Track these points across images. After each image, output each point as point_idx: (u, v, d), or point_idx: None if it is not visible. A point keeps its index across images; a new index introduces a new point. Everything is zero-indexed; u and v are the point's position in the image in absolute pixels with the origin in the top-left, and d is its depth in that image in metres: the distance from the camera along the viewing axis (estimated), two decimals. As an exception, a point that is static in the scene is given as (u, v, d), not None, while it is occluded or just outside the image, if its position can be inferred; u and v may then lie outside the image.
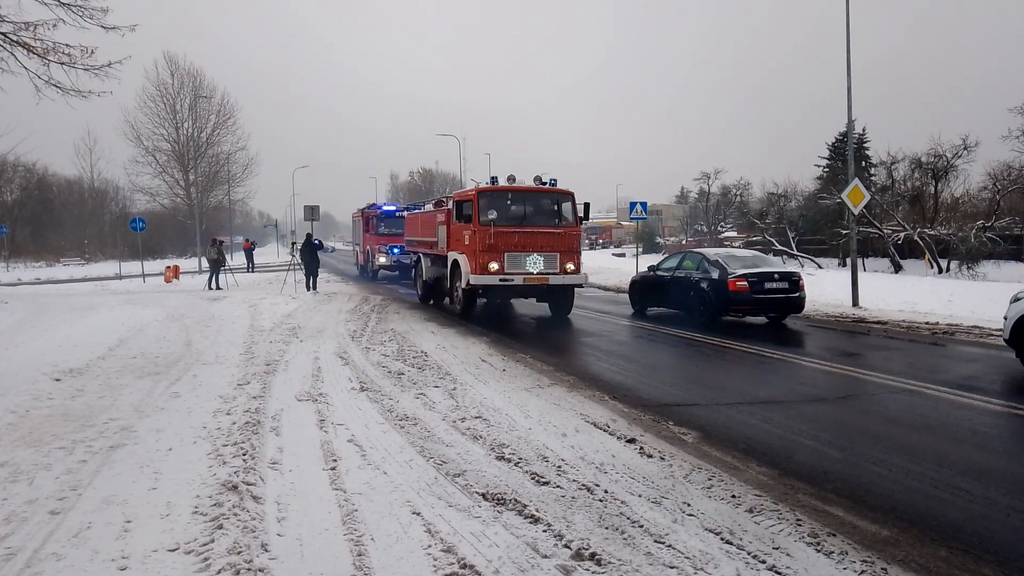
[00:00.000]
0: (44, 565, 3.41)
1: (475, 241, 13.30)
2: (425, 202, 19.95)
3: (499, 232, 13.24)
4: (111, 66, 11.84)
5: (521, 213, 13.73)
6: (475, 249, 13.30)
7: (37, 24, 10.94)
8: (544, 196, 14.08)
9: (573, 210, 14.04)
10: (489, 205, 13.40)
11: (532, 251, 13.45)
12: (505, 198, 13.64)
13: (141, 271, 30.12)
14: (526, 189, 13.95)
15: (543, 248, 13.52)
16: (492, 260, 13.23)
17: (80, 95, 11.90)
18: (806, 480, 4.65)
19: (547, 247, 13.55)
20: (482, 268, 13.25)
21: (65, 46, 11.23)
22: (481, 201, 13.44)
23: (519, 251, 13.40)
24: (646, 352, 10.63)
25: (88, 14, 11.29)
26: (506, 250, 13.30)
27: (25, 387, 7.30)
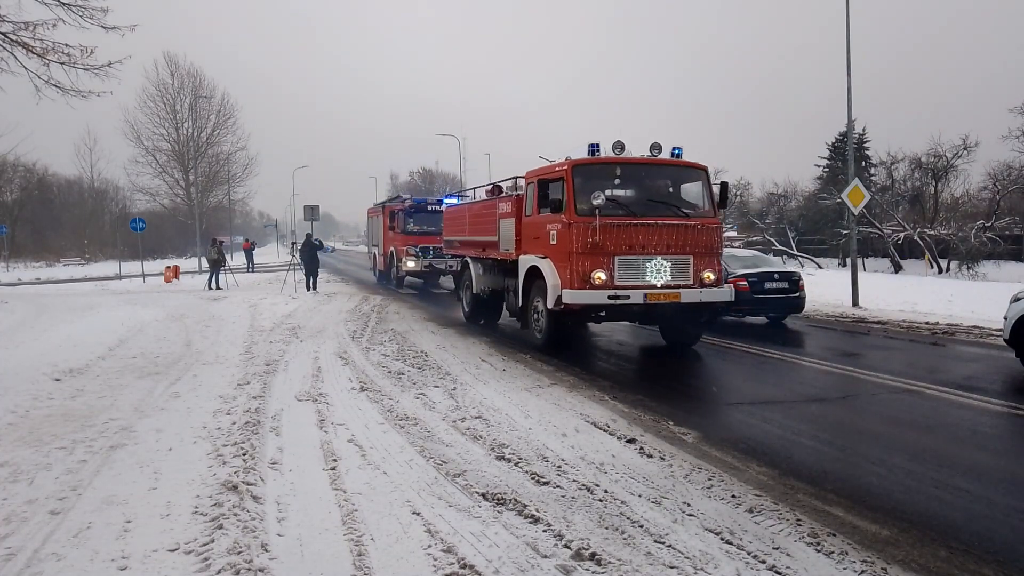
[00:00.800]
0: (44, 565, 3.41)
1: (569, 239, 9.02)
2: (474, 188, 14.73)
3: (608, 226, 8.89)
4: (111, 66, 11.82)
5: (637, 197, 9.60)
6: (569, 251, 9.01)
7: (37, 24, 10.93)
8: (668, 172, 9.90)
9: (708, 192, 9.79)
10: (591, 184, 9.08)
11: (655, 253, 9.06)
12: (612, 174, 9.44)
13: (141, 271, 30.11)
14: (644, 161, 9.56)
15: (671, 249, 9.15)
16: (597, 267, 8.89)
17: (80, 95, 11.88)
18: (806, 480, 4.65)
19: (676, 247, 9.18)
20: (581, 279, 8.92)
21: (65, 46, 11.22)
22: (577, 179, 9.22)
23: (636, 253, 9.01)
24: (645, 353, 10.62)
25: (88, 14, 11.28)
26: (617, 252, 8.94)
27: (25, 387, 7.30)
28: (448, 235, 15.24)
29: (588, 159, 9.44)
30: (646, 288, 8.97)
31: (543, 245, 9.75)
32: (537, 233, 10.01)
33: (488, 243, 12.11)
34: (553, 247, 9.44)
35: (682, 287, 9.15)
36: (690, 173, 9.84)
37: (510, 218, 11.06)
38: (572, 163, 9.37)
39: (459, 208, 14.97)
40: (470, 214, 13.66)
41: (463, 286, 13.92)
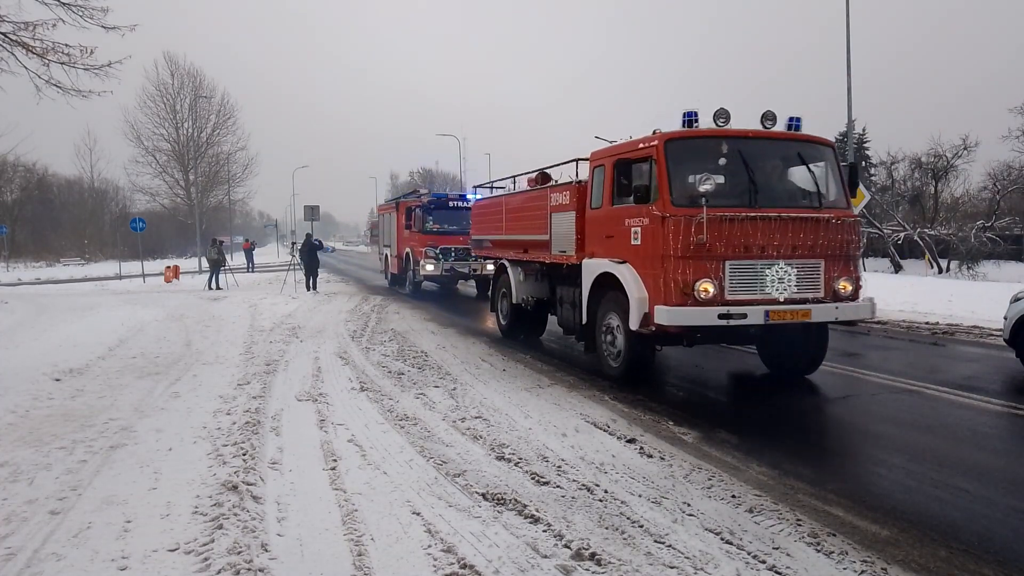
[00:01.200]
0: (44, 565, 3.42)
1: (662, 238, 6.77)
2: (513, 177, 11.97)
3: (719, 220, 6.65)
4: (111, 66, 11.83)
5: (748, 182, 7.05)
6: (662, 253, 6.77)
7: (37, 24, 10.93)
8: (788, 149, 7.48)
9: (837, 176, 7.57)
10: (691, 165, 7.05)
11: (777, 256, 6.86)
12: (718, 152, 6.99)
13: (141, 271, 30.12)
14: (759, 135, 7.22)
15: (797, 251, 6.92)
16: (703, 276, 6.66)
17: (80, 95, 11.89)
18: (806, 480, 4.65)
19: (804, 248, 6.96)
20: (681, 292, 6.68)
21: (65, 46, 11.22)
22: (673, 158, 6.96)
23: (754, 256, 6.77)
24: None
25: (88, 14, 11.28)
26: (729, 255, 6.70)
27: (25, 387, 7.30)
28: (478, 233, 13.00)
29: (685, 132, 7.12)
30: (767, 303, 6.73)
31: (620, 246, 7.52)
32: (610, 230, 7.73)
33: (533, 243, 10.00)
34: (636, 248, 7.23)
35: (812, 301, 6.93)
36: (815, 151, 7.50)
37: (567, 212, 8.84)
38: (665, 137, 7.01)
39: (493, 202, 12.31)
40: (508, 209, 11.19)
41: (498, 294, 11.74)
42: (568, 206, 8.89)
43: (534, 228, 9.96)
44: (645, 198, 7.05)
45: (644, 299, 7.00)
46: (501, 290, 11.60)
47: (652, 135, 7.26)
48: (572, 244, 8.71)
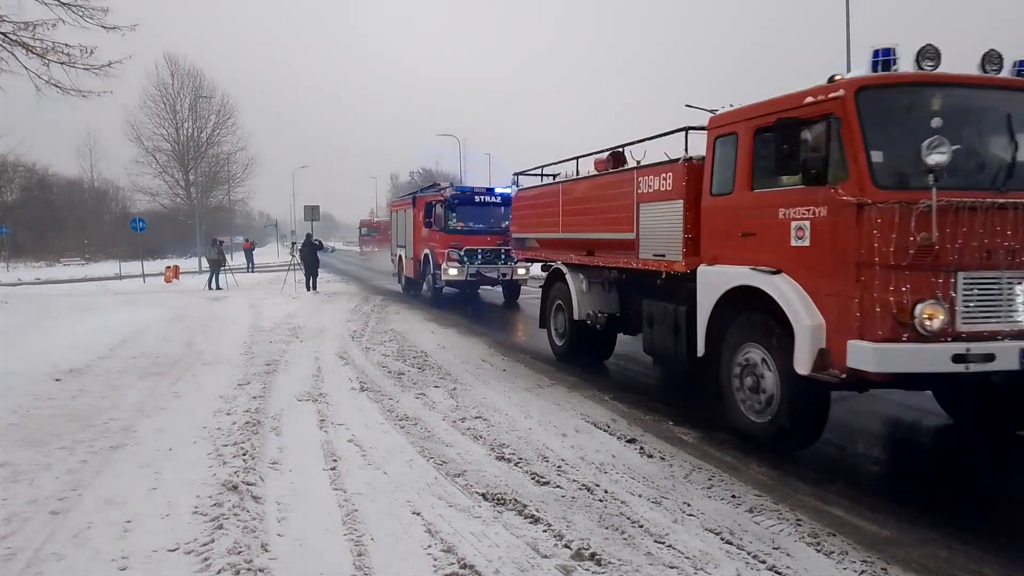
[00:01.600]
0: (45, 565, 3.42)
1: (859, 238, 4.61)
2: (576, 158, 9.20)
3: (951, 211, 4.48)
4: (111, 66, 11.87)
5: (988, 153, 5.02)
6: (858, 260, 4.61)
7: (37, 24, 10.96)
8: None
9: None
10: (898, 127, 4.87)
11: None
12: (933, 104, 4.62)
13: (141, 271, 30.10)
14: (1001, 83, 4.99)
15: None
16: (926, 295, 4.47)
17: (80, 95, 11.93)
18: (806, 480, 4.65)
19: None
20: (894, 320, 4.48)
21: (65, 46, 11.26)
22: (871, 114, 4.78)
23: (1000, 266, 4.59)
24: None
25: (88, 14, 11.32)
26: (963, 264, 4.54)
27: (26, 387, 7.31)
28: (521, 231, 10.78)
29: (887, 78, 4.83)
30: (1020, 337, 4.52)
31: (768, 247, 5.34)
32: (749, 225, 5.58)
33: (608, 243, 7.81)
34: (802, 252, 5.03)
35: None
36: None
37: (669, 201, 6.55)
38: (857, 84, 4.81)
39: (544, 192, 9.92)
40: (569, 200, 8.89)
41: (550, 308, 9.59)
42: (670, 193, 6.52)
43: (610, 224, 7.64)
44: (819, 177, 4.81)
45: (820, 328, 4.77)
46: (555, 302, 9.41)
47: (830, 83, 4.99)
48: (676, 245, 6.41)
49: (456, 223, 16.25)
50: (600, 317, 8.36)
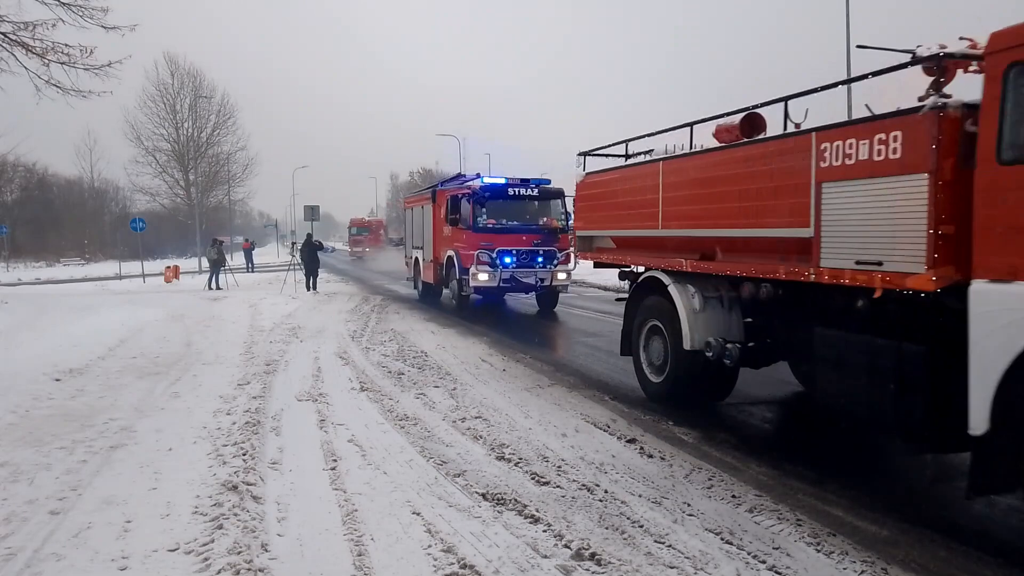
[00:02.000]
0: (44, 565, 3.42)
1: None
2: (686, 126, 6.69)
3: None
4: (111, 66, 11.87)
5: None
6: None
7: (37, 24, 10.95)
8: None
9: None
10: None
11: None
12: None
13: (141, 271, 30.10)
14: None
15: None
16: None
17: (80, 95, 11.92)
18: (806, 480, 4.65)
19: None
20: None
21: (65, 46, 11.25)
22: None
23: None
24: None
25: (88, 14, 11.31)
26: None
27: (25, 387, 7.30)
28: (592, 226, 8.46)
29: None
30: None
31: None
32: None
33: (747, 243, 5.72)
34: None
35: None
36: None
37: (901, 177, 4.14)
38: None
39: (631, 174, 7.54)
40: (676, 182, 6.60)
41: (640, 330, 7.29)
42: (899, 164, 4.16)
43: (758, 215, 5.47)
44: None
45: None
46: (648, 323, 7.11)
47: None
48: (914, 247, 4.05)
49: (486, 220, 14.02)
50: (728, 348, 5.94)
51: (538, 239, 14.03)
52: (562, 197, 14.45)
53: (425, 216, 17.43)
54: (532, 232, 14.12)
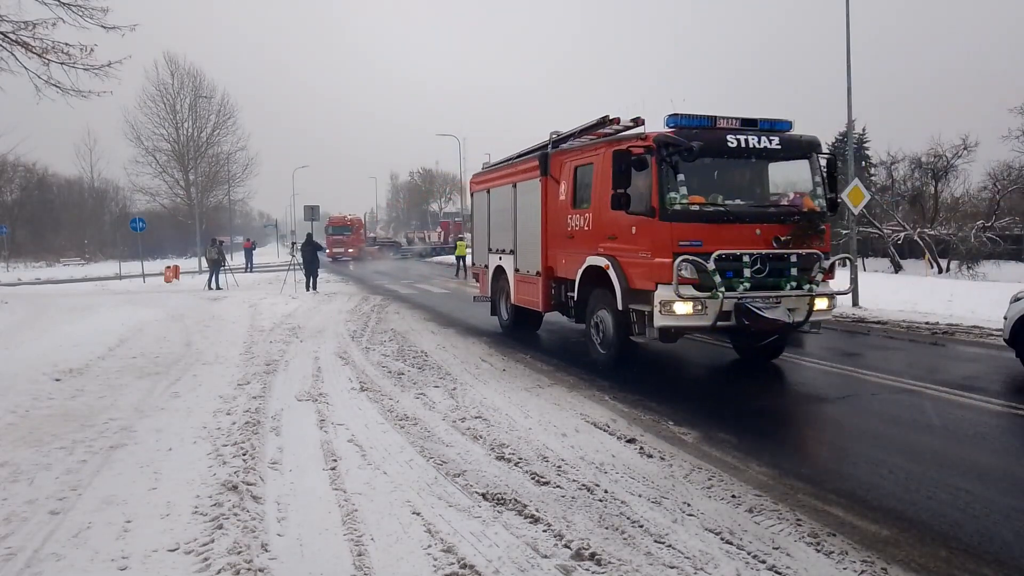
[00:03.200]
0: (44, 565, 3.42)
1: None
2: None
3: None
4: (111, 66, 11.87)
5: None
6: None
7: (37, 23, 10.96)
8: None
9: None
10: None
11: None
12: None
13: (141, 271, 30.11)
14: None
15: None
16: None
17: (80, 95, 11.92)
18: (806, 480, 4.65)
19: None
20: None
21: (65, 45, 11.25)
22: None
23: None
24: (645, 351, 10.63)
25: (88, 14, 11.32)
26: None
27: (25, 387, 7.30)
28: None
29: None
30: None
31: None
32: None
33: None
34: None
35: None
36: None
37: None
38: None
39: None
40: None
41: None
42: None
43: None
44: None
45: None
46: None
47: None
48: None
49: (687, 198, 7.31)
50: None
51: (786, 233, 7.55)
52: (815, 152, 8.10)
53: (523, 200, 10.70)
54: (773, 220, 7.62)
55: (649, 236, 7.44)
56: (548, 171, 9.90)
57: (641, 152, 7.39)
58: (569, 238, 9.25)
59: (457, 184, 59.70)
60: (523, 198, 10.72)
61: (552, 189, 9.81)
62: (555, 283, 9.95)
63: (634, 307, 7.71)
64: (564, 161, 9.51)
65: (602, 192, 8.01)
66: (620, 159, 7.32)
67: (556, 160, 9.74)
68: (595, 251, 8.46)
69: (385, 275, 27.51)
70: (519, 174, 10.90)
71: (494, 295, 12.25)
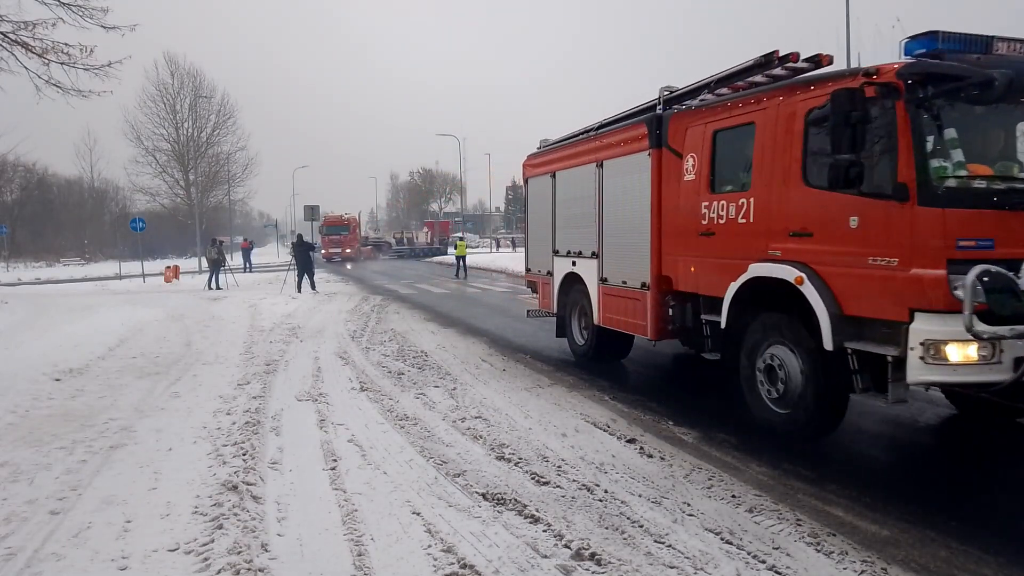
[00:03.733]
0: (44, 565, 3.42)
1: None
2: None
3: None
4: (111, 66, 11.85)
5: None
6: None
7: (37, 23, 10.95)
8: None
9: None
10: None
11: None
12: None
13: (141, 271, 30.10)
14: None
15: None
16: None
17: (80, 95, 11.91)
18: (806, 480, 4.65)
19: None
20: None
21: (65, 45, 11.24)
22: None
23: None
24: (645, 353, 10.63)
25: (88, 14, 11.31)
26: None
27: (25, 387, 7.31)
28: None
29: None
30: None
31: None
32: None
33: None
34: None
35: None
36: None
37: None
38: None
39: None
40: None
41: None
42: None
43: None
44: None
45: None
46: None
47: None
48: None
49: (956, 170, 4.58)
50: None
51: None
52: None
53: (616, 183, 7.90)
54: None
55: (896, 230, 4.59)
56: (664, 141, 6.95)
57: (881, 93, 4.62)
58: (704, 235, 6.33)
59: (457, 184, 59.76)
60: (615, 181, 7.86)
61: (671, 166, 6.86)
62: (674, 300, 6.96)
63: (855, 347, 4.85)
64: (694, 125, 6.58)
65: (775, 165, 5.54)
66: (846, 103, 4.60)
67: (678, 124, 6.80)
68: (763, 255, 5.61)
69: (385, 275, 27.52)
70: (607, 149, 8.01)
71: (562, 312, 9.41)
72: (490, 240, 64.48)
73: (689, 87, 7.29)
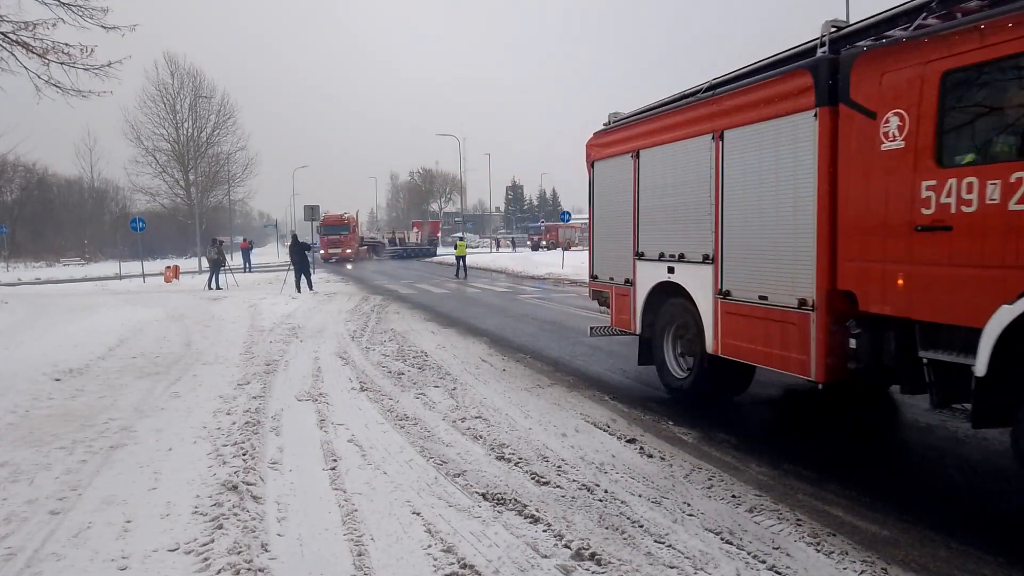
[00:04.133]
0: (44, 565, 3.42)
1: None
2: None
3: None
4: (111, 66, 11.86)
5: None
6: None
7: (37, 23, 10.95)
8: None
9: None
10: None
11: None
12: None
13: (141, 271, 30.09)
14: None
15: None
16: None
17: (80, 95, 11.91)
18: (806, 480, 4.65)
19: None
20: None
21: (65, 45, 11.25)
22: None
23: None
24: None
25: (88, 14, 11.31)
26: None
27: (25, 387, 7.31)
28: None
29: None
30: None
31: None
32: None
33: None
34: None
35: None
36: None
37: None
38: None
39: None
40: None
41: None
42: None
43: None
44: None
45: None
46: None
47: None
48: None
49: None
50: None
51: None
52: None
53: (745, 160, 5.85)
54: None
55: None
56: (844, 94, 4.86)
57: None
58: (927, 231, 4.24)
59: (457, 184, 59.69)
60: (746, 157, 5.82)
61: (856, 130, 4.78)
62: (860, 326, 4.88)
63: None
64: (900, 68, 4.44)
65: None
66: None
67: (870, 68, 4.67)
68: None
69: (384, 275, 27.53)
70: (732, 114, 5.97)
71: (648, 332, 7.46)
72: (490, 240, 64.51)
73: (875, 17, 5.03)
